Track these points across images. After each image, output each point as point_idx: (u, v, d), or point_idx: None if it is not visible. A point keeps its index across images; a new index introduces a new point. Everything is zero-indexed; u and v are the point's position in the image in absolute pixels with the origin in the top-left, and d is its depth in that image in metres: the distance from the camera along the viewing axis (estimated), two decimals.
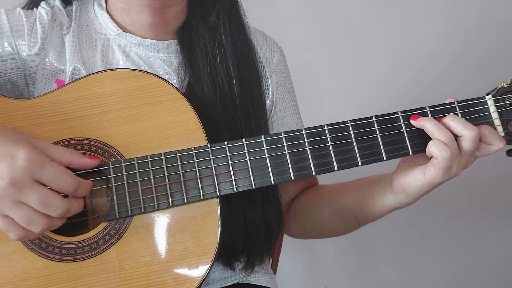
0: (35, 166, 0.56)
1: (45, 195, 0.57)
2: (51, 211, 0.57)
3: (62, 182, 0.58)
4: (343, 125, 0.69)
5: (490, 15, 1.44)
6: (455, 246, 1.52)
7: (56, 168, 0.58)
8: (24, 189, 0.56)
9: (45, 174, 0.56)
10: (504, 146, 0.70)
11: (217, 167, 0.68)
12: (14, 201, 0.56)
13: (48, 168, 0.57)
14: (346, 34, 1.41)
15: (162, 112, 0.69)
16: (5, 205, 0.56)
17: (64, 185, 0.58)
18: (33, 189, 0.56)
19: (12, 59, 0.76)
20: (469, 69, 1.43)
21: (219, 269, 0.80)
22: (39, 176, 0.56)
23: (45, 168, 0.57)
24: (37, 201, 0.56)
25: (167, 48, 0.81)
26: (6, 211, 0.56)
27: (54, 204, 0.57)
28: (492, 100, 0.70)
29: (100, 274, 0.65)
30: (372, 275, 1.53)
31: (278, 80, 0.88)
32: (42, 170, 0.56)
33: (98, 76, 0.70)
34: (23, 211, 0.56)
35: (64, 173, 0.58)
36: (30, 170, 0.56)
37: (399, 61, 1.43)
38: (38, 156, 0.57)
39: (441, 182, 0.68)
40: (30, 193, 0.56)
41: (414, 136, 0.69)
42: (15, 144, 0.56)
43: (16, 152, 0.56)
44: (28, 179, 0.56)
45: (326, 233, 0.91)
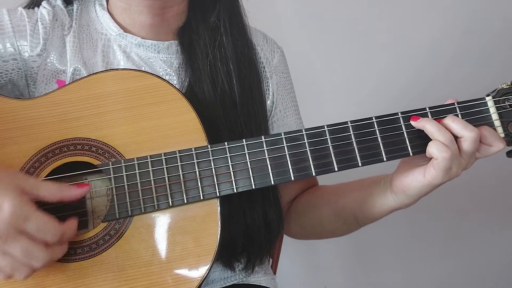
0: (19, 218, 0.56)
1: (28, 248, 0.57)
2: (33, 262, 0.58)
3: (46, 233, 0.58)
4: (343, 126, 0.69)
5: (490, 16, 1.44)
6: (455, 247, 1.52)
7: (40, 219, 0.58)
8: (8, 240, 0.56)
9: (29, 226, 0.57)
10: (504, 147, 0.70)
11: (217, 168, 0.68)
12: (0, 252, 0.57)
13: (32, 220, 0.57)
14: (346, 35, 1.41)
15: (162, 112, 0.69)
16: None
17: (48, 236, 0.58)
18: (16, 241, 0.56)
19: (13, 59, 0.76)
20: (469, 70, 1.43)
21: (219, 269, 0.80)
22: (23, 228, 0.57)
23: (29, 220, 0.57)
24: (20, 253, 0.57)
25: (168, 48, 0.81)
26: None
27: (36, 255, 0.58)
28: (492, 101, 0.70)
29: (100, 275, 0.65)
30: (372, 275, 1.53)
31: (279, 80, 0.88)
32: (26, 223, 0.57)
33: (98, 77, 0.70)
34: (6, 261, 0.57)
35: (48, 224, 0.58)
36: (15, 223, 0.56)
37: (399, 62, 1.43)
38: (23, 208, 0.57)
39: (441, 183, 0.68)
40: (14, 245, 0.56)
41: (414, 137, 0.69)
42: (2, 193, 0.56)
43: (2, 203, 0.56)
44: (12, 231, 0.56)
45: (326, 234, 0.91)
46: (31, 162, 0.67)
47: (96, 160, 0.67)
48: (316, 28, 1.41)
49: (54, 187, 0.61)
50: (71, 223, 0.62)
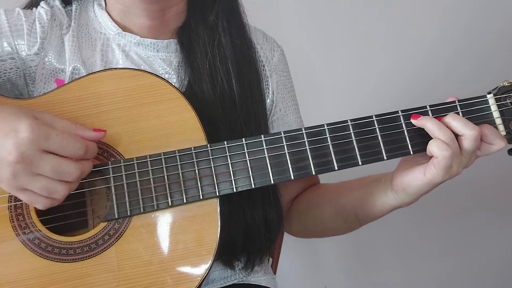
0: (40, 137, 0.57)
1: (57, 164, 0.58)
2: (66, 177, 0.59)
3: (70, 147, 0.59)
4: (343, 125, 0.69)
5: (491, 13, 1.44)
6: (456, 246, 1.52)
7: (61, 136, 0.58)
8: (34, 161, 0.57)
9: (51, 143, 0.57)
10: (505, 146, 0.69)
11: (216, 167, 0.67)
12: (29, 175, 0.57)
13: (53, 137, 0.57)
14: (346, 33, 1.41)
15: (161, 111, 0.69)
16: (22, 180, 0.57)
17: (73, 150, 0.59)
18: (43, 160, 0.57)
19: (11, 58, 0.76)
20: (470, 68, 1.43)
21: (219, 268, 0.80)
22: (46, 146, 0.57)
23: (50, 137, 0.57)
24: (50, 171, 0.57)
25: (167, 47, 0.81)
26: (25, 185, 0.58)
27: (67, 170, 0.58)
28: (493, 99, 0.70)
29: (100, 274, 0.65)
30: (372, 275, 1.53)
31: (278, 79, 0.87)
32: (48, 140, 0.57)
33: (97, 76, 0.70)
34: (41, 182, 0.58)
35: (71, 139, 0.59)
36: (36, 141, 0.56)
37: (400, 60, 1.43)
38: (41, 127, 0.57)
39: (442, 181, 0.68)
40: (42, 164, 0.57)
41: (415, 135, 0.69)
42: (17, 118, 0.57)
43: (18, 126, 0.56)
44: (36, 150, 0.56)
45: (327, 232, 0.91)
46: None
47: (95, 160, 0.67)
48: (316, 27, 1.41)
49: (69, 123, 0.62)
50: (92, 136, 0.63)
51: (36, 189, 0.58)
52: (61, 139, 0.58)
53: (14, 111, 0.59)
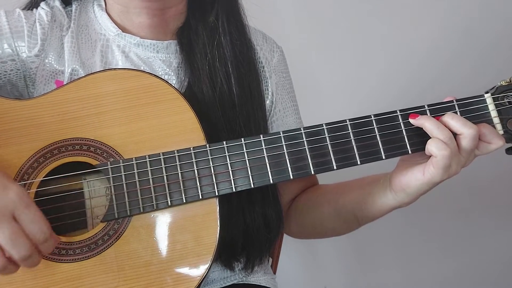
0: (21, 204, 0.57)
1: (16, 234, 0.56)
2: (15, 250, 0.56)
3: (37, 227, 0.58)
4: (342, 124, 0.69)
5: (489, 14, 1.44)
6: (455, 246, 1.52)
7: (38, 213, 0.58)
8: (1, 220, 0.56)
9: (26, 215, 0.57)
10: (503, 145, 0.69)
11: (215, 167, 0.68)
12: None
13: (31, 210, 0.57)
14: (345, 34, 1.41)
15: (160, 112, 0.69)
16: None
17: (38, 232, 0.58)
18: (8, 224, 0.56)
19: (11, 60, 0.76)
20: (468, 68, 1.43)
21: (218, 269, 0.80)
22: (19, 214, 0.57)
23: (29, 209, 0.57)
24: (7, 236, 0.56)
25: (167, 48, 0.81)
26: None
27: (21, 245, 0.57)
28: (491, 99, 0.70)
29: (99, 275, 0.65)
30: (372, 275, 1.53)
31: (278, 80, 0.88)
32: (25, 210, 0.57)
33: (96, 76, 0.70)
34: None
35: (42, 221, 0.58)
36: (15, 205, 0.56)
37: (398, 60, 1.43)
38: (28, 197, 0.58)
39: (441, 180, 0.68)
40: (4, 226, 0.56)
41: (413, 135, 0.69)
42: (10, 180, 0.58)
43: (10, 185, 0.57)
44: (9, 212, 0.56)
45: (326, 233, 0.91)
46: (29, 162, 0.67)
47: (95, 160, 0.67)
48: (316, 27, 1.41)
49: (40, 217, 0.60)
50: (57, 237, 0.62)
51: None
52: (35, 216, 0.58)
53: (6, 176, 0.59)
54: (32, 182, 0.66)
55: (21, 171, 0.67)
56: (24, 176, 0.67)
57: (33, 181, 0.66)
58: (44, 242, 0.59)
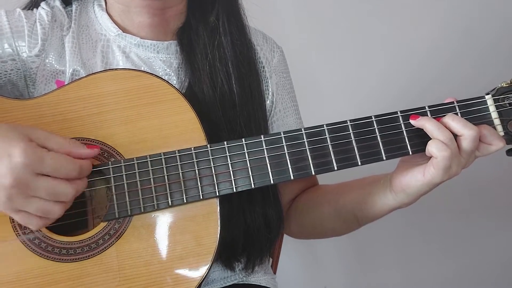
0: (33, 161, 0.57)
1: (52, 186, 0.58)
2: (61, 197, 0.59)
3: (64, 169, 0.59)
4: (343, 125, 0.69)
5: (490, 14, 1.44)
6: (456, 246, 1.52)
7: (55, 158, 0.59)
8: (30, 184, 0.57)
9: (45, 166, 0.58)
10: (503, 146, 0.70)
11: (216, 167, 0.68)
12: (25, 197, 0.58)
13: (47, 160, 0.58)
14: (345, 34, 1.41)
15: (161, 112, 0.69)
16: (17, 202, 0.58)
17: (67, 172, 0.59)
18: (38, 183, 0.57)
19: (12, 60, 0.77)
20: (468, 69, 1.43)
21: (219, 269, 0.80)
22: (40, 170, 0.57)
23: (44, 161, 0.58)
24: (45, 193, 0.58)
25: (167, 49, 0.81)
26: (20, 207, 0.58)
27: (62, 191, 0.59)
28: (491, 100, 0.70)
29: (100, 274, 0.65)
30: (372, 275, 1.53)
31: (278, 80, 0.88)
32: (42, 163, 0.58)
33: (97, 76, 0.70)
34: (36, 204, 0.58)
35: (64, 161, 0.60)
36: (30, 166, 0.57)
37: (399, 61, 1.43)
38: (34, 151, 0.58)
39: (441, 181, 0.68)
40: (37, 187, 0.57)
41: (414, 135, 0.69)
42: (10, 142, 0.57)
43: (12, 151, 0.57)
44: (31, 174, 0.57)
45: (326, 233, 0.91)
46: None
47: (96, 160, 0.67)
48: (316, 27, 1.41)
49: (63, 140, 0.62)
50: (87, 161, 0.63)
51: (32, 211, 0.59)
52: (55, 161, 0.59)
53: (6, 133, 0.58)
54: None
55: None
56: None
57: None
58: (79, 174, 0.61)
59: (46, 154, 0.58)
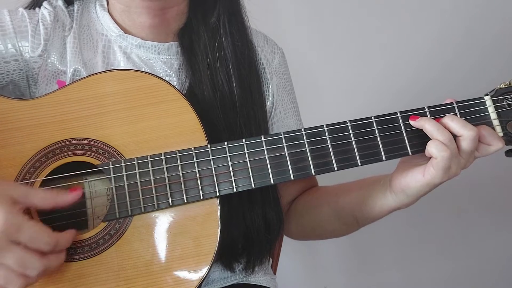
0: (11, 229, 0.56)
1: (22, 257, 0.57)
2: (28, 271, 0.57)
3: (39, 242, 0.58)
4: (343, 125, 0.69)
5: (489, 16, 1.44)
6: (455, 247, 1.52)
7: (32, 229, 0.57)
8: (1, 251, 0.56)
9: (22, 236, 0.56)
10: (503, 147, 0.70)
11: (217, 167, 0.68)
12: None
13: (24, 230, 0.57)
14: (345, 35, 1.42)
15: (162, 112, 0.69)
16: None
17: (41, 245, 0.58)
18: (9, 252, 0.56)
19: (15, 60, 0.77)
20: (468, 70, 1.43)
21: (218, 269, 0.80)
22: (15, 238, 0.56)
23: (21, 230, 0.56)
24: (14, 263, 0.56)
25: (168, 50, 0.81)
26: None
27: (31, 265, 0.57)
28: (490, 101, 0.71)
29: (100, 274, 0.65)
30: (372, 275, 1.53)
31: (279, 82, 0.88)
32: (19, 233, 0.56)
33: (98, 77, 0.71)
34: (1, 271, 0.57)
35: (41, 233, 0.58)
36: (6, 233, 0.56)
37: (398, 62, 1.43)
38: (15, 217, 0.56)
39: (441, 182, 0.68)
40: (7, 255, 0.56)
41: (413, 136, 0.70)
42: None
43: None
44: (5, 241, 0.56)
45: (326, 235, 0.91)
46: (31, 162, 0.67)
47: (96, 160, 0.68)
48: (316, 28, 1.41)
49: (46, 194, 0.61)
50: (67, 233, 0.62)
51: None
52: (32, 232, 0.57)
53: None
54: (34, 182, 0.67)
55: (23, 170, 0.67)
56: (26, 176, 0.67)
57: (35, 181, 0.67)
58: (54, 248, 0.59)
59: (25, 224, 0.57)
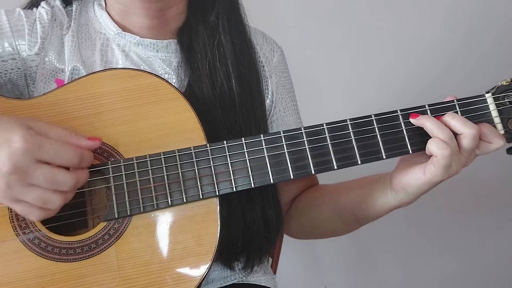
0: (33, 147, 0.56)
1: (51, 173, 0.57)
2: (61, 186, 0.58)
3: (65, 156, 0.58)
4: (342, 124, 0.69)
5: (490, 13, 1.44)
6: (456, 245, 1.52)
7: (54, 144, 0.58)
8: (29, 171, 0.56)
9: (45, 152, 0.57)
10: (504, 144, 0.69)
11: (216, 167, 0.68)
12: (24, 185, 0.56)
13: (47, 146, 0.57)
14: (345, 33, 1.42)
15: (161, 111, 0.69)
16: (16, 190, 0.56)
17: (68, 158, 0.58)
18: (37, 170, 0.56)
19: (12, 59, 0.77)
20: (469, 67, 1.43)
21: (218, 268, 0.80)
22: (40, 156, 0.56)
23: (43, 147, 0.56)
24: (45, 181, 0.57)
25: (166, 47, 0.81)
26: (19, 196, 0.57)
27: (62, 180, 0.58)
28: (492, 98, 0.70)
29: (100, 274, 0.65)
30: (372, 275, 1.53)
31: (278, 80, 0.88)
32: (41, 149, 0.56)
33: (97, 76, 0.70)
34: (35, 192, 0.57)
35: (64, 147, 0.58)
36: (29, 151, 0.56)
37: (399, 60, 1.43)
38: (34, 137, 0.57)
39: (441, 180, 0.68)
40: (36, 174, 0.56)
41: (414, 134, 0.69)
42: (10, 129, 0.56)
43: (11, 137, 0.56)
44: (30, 161, 0.56)
45: (326, 233, 0.91)
46: None
47: (95, 159, 0.67)
48: (316, 27, 1.41)
49: (63, 131, 0.61)
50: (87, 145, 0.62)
51: (31, 200, 0.57)
52: (55, 148, 0.57)
53: (7, 121, 0.58)
54: None
55: None
56: None
57: None
58: (80, 161, 0.59)
59: (46, 141, 0.57)
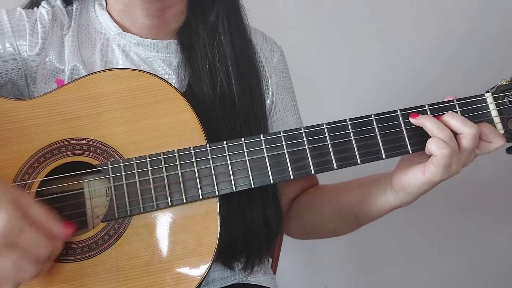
0: (14, 231, 0.55)
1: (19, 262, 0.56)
2: (22, 275, 0.57)
3: (38, 249, 0.57)
4: (342, 124, 0.69)
5: (490, 13, 1.44)
6: (456, 245, 1.52)
7: (33, 234, 0.57)
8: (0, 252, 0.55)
9: (23, 240, 0.56)
10: (504, 144, 0.69)
11: (216, 167, 0.68)
12: None
13: (25, 235, 0.56)
14: (345, 33, 1.42)
15: (161, 111, 0.69)
16: None
17: (38, 253, 0.57)
18: (8, 255, 0.55)
19: (13, 59, 0.77)
20: (468, 67, 1.43)
21: (218, 269, 0.80)
22: (16, 242, 0.56)
23: (23, 234, 0.56)
24: (10, 267, 0.56)
25: (167, 47, 0.81)
26: None
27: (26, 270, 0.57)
28: (491, 98, 0.70)
29: (100, 274, 0.65)
30: (372, 275, 1.53)
31: (278, 80, 0.88)
32: (21, 236, 0.56)
33: (97, 76, 0.70)
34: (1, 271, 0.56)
35: (40, 241, 0.57)
36: (9, 234, 0.55)
37: (398, 60, 1.43)
38: (18, 220, 0.56)
39: (441, 180, 0.68)
40: (5, 258, 0.55)
41: (414, 134, 0.69)
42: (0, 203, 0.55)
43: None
44: (6, 243, 0.55)
45: (326, 233, 0.91)
46: (29, 162, 0.67)
47: (95, 160, 0.67)
48: (316, 27, 1.41)
49: (43, 214, 0.59)
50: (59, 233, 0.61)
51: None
52: (32, 239, 0.57)
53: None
54: (33, 182, 0.66)
55: (21, 171, 0.67)
56: (25, 176, 0.67)
57: (34, 181, 0.66)
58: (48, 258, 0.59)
59: (27, 228, 0.56)
